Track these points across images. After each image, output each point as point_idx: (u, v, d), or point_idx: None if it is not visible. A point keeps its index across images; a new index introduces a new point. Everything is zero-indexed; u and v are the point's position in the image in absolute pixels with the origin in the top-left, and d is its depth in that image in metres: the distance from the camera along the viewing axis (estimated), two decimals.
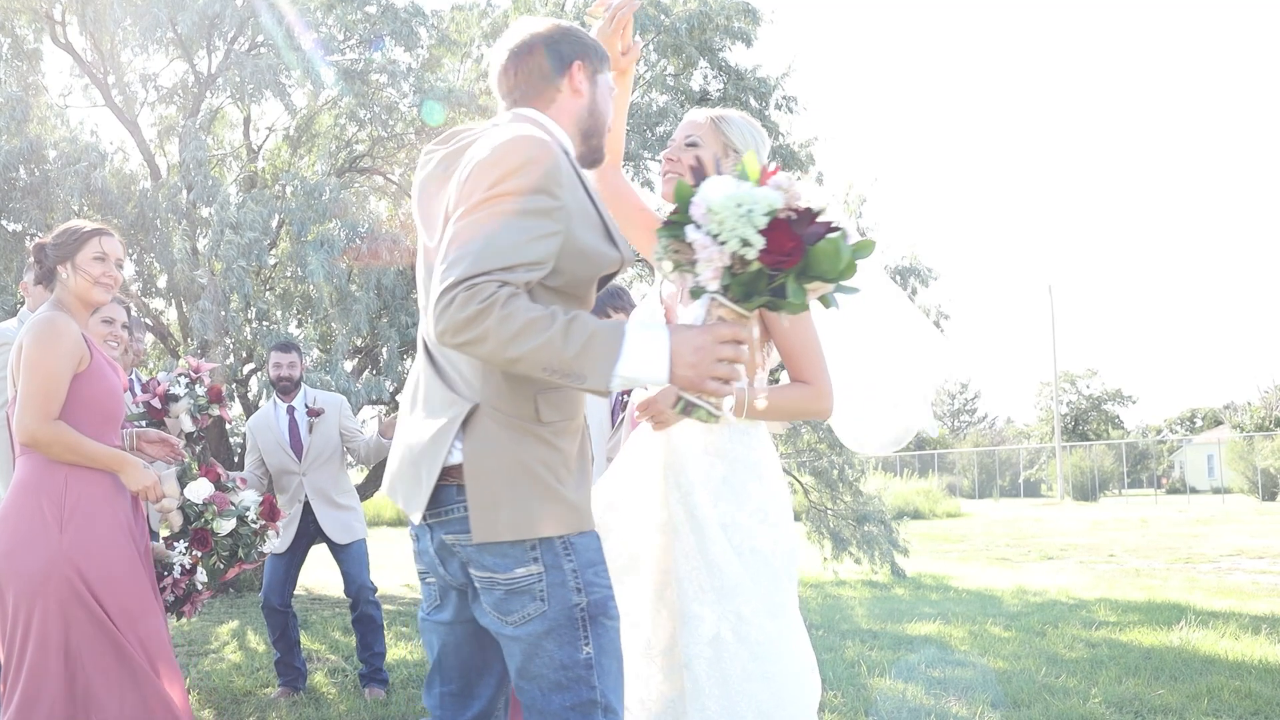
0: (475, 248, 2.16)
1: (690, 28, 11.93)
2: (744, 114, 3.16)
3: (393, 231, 11.26)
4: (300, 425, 6.91)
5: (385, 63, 11.77)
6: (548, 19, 2.67)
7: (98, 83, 12.23)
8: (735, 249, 2.19)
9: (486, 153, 2.29)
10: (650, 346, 2.20)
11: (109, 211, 10.72)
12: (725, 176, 2.29)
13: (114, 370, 4.10)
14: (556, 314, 2.15)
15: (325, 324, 11.30)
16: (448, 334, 2.14)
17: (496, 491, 2.31)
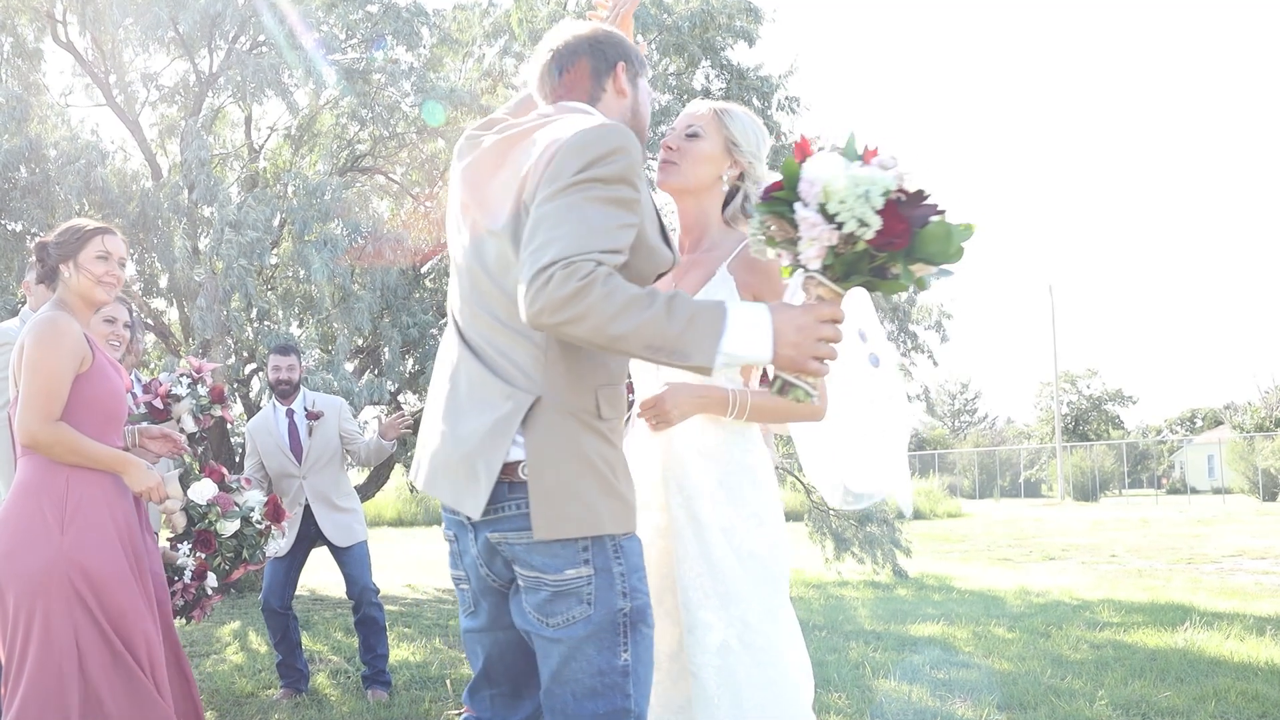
0: (568, 229, 2.12)
1: (692, 26, 11.90)
2: (746, 109, 3.13)
3: (395, 231, 11.23)
4: (300, 428, 6.88)
5: (387, 62, 11.74)
6: (588, 23, 2.68)
7: (99, 82, 12.20)
8: (853, 229, 2.17)
9: (572, 136, 2.24)
10: (754, 324, 2.17)
11: (110, 210, 10.68)
12: (832, 155, 2.27)
13: (116, 370, 4.07)
14: (656, 292, 2.11)
15: (327, 324, 11.26)
16: (545, 312, 2.08)
17: (562, 487, 2.26)
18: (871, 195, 2.17)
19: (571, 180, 2.18)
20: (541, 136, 2.35)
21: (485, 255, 2.40)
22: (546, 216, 2.16)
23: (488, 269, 2.39)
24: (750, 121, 3.08)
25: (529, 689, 2.55)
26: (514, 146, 2.43)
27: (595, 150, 2.21)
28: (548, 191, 2.20)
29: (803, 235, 2.26)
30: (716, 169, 3.01)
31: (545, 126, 2.39)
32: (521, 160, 2.35)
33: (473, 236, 2.46)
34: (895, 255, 2.22)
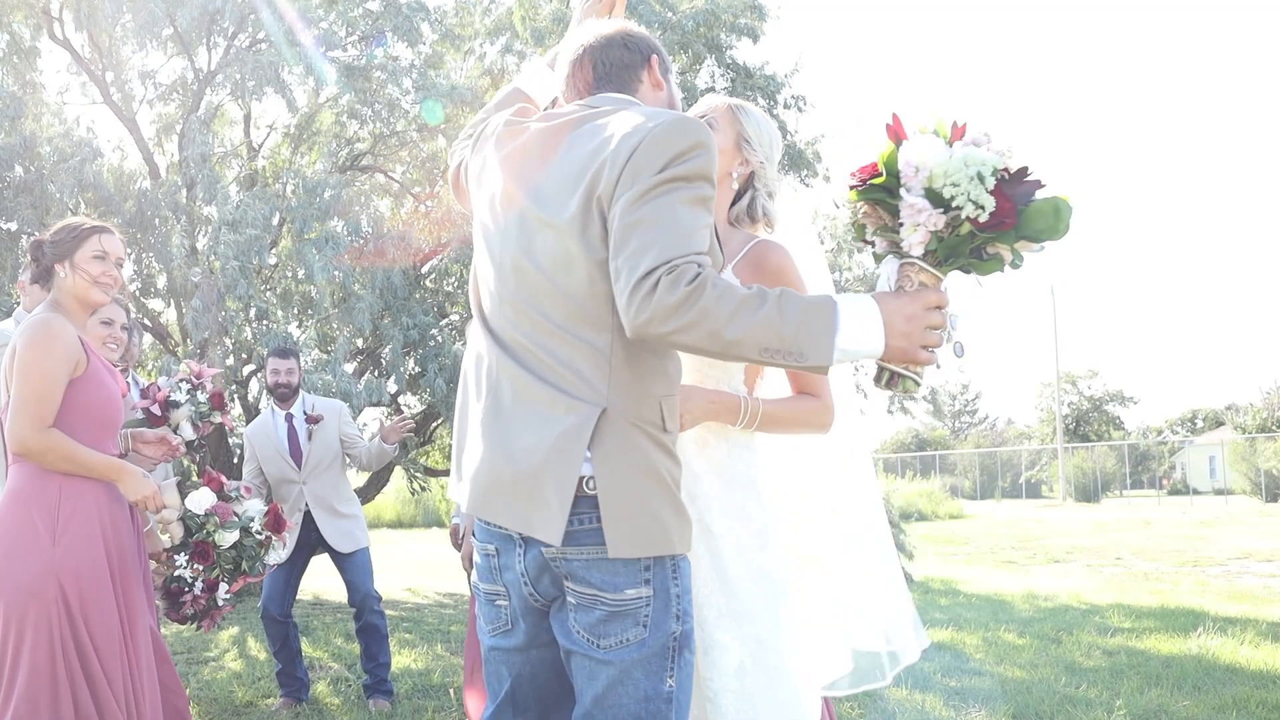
0: (663, 233, 2.03)
1: (697, 25, 11.79)
2: (763, 111, 3.02)
3: (395, 230, 11.11)
4: (299, 433, 6.76)
5: (387, 59, 11.62)
6: (614, 21, 2.58)
7: (95, 80, 12.08)
8: (970, 213, 2.10)
9: (654, 129, 2.13)
10: (865, 317, 2.09)
11: (106, 209, 10.57)
12: (927, 137, 2.19)
13: (111, 375, 3.95)
14: (764, 291, 2.02)
15: (326, 324, 11.14)
16: (656, 321, 1.98)
17: (636, 504, 2.15)
18: (984, 176, 2.09)
19: (657, 179, 2.08)
20: (606, 126, 2.23)
21: (537, 250, 2.25)
22: (640, 221, 2.06)
23: (541, 265, 2.24)
24: (765, 122, 2.97)
25: (558, 715, 2.41)
26: (563, 135, 2.30)
27: (677, 145, 2.11)
28: (633, 192, 2.08)
29: (906, 221, 2.17)
30: (726, 165, 2.88)
31: (604, 117, 2.27)
32: (581, 149, 2.22)
33: (520, 229, 2.30)
34: (1003, 235, 2.14)
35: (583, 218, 2.17)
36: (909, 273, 2.21)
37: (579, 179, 2.19)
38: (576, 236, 2.17)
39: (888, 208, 2.21)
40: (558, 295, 2.22)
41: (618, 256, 2.07)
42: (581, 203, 2.17)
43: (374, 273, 10.64)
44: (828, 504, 3.01)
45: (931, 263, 2.19)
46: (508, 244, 2.33)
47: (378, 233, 10.80)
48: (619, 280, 2.06)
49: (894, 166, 2.18)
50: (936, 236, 2.16)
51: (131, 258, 11.59)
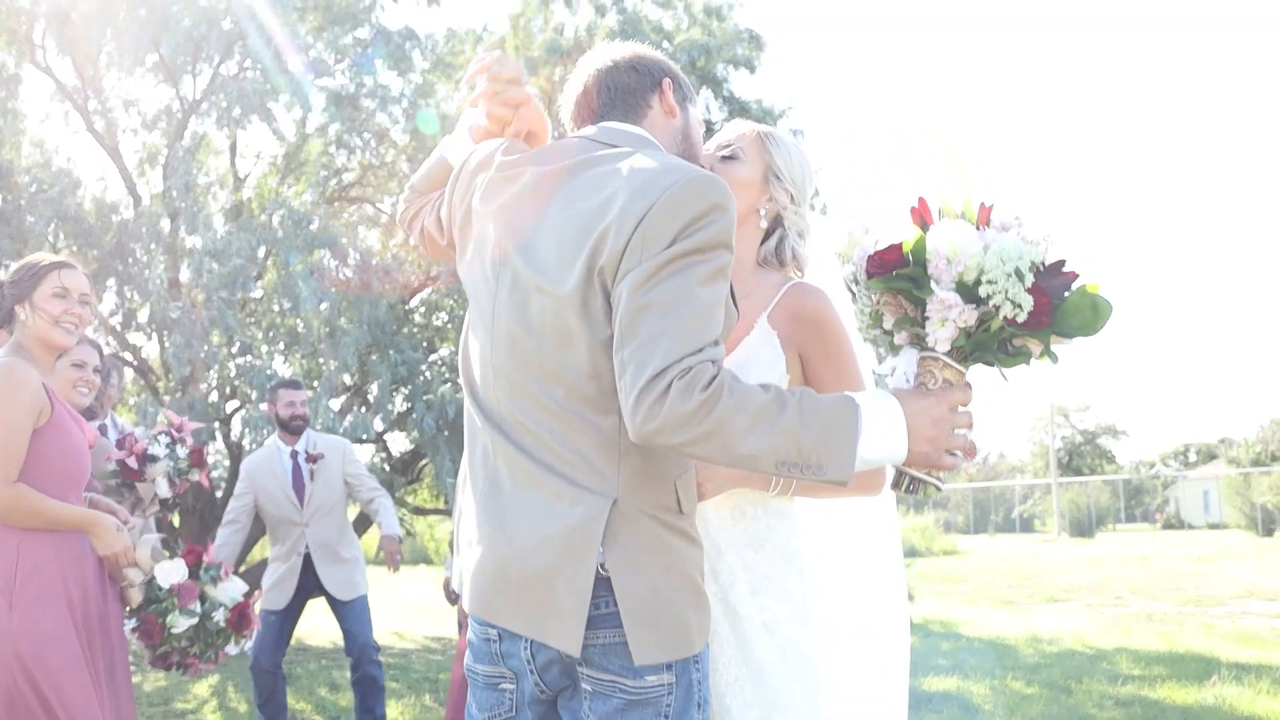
0: (675, 322, 1.81)
1: (693, 57, 11.61)
2: (794, 139, 2.73)
3: (384, 263, 10.86)
4: (304, 471, 6.46)
5: (376, 87, 11.40)
6: (626, 43, 2.33)
7: (78, 108, 11.82)
8: (1008, 313, 1.94)
9: (665, 195, 1.90)
10: (888, 421, 1.93)
11: (85, 241, 10.32)
12: (957, 222, 2.01)
13: (78, 424, 3.68)
14: (783, 394, 1.85)
15: (312, 359, 10.85)
16: (665, 431, 1.79)
17: (656, 606, 1.96)
18: (1023, 273, 1.93)
19: (670, 254, 1.87)
20: (612, 178, 1.98)
21: (533, 319, 2.01)
22: (649, 306, 1.84)
23: (537, 337, 2.00)
24: (797, 153, 2.66)
25: None
26: (563, 182, 2.06)
27: (691, 209, 1.88)
28: (642, 270, 1.86)
29: (933, 315, 2.00)
30: (753, 200, 2.59)
31: (610, 163, 2.03)
32: (583, 205, 1.98)
33: (513, 294, 2.05)
34: (1038, 333, 1.98)
35: (584, 290, 1.93)
36: (932, 368, 2.05)
37: (579, 244, 1.95)
38: (577, 310, 1.94)
39: (912, 298, 2.04)
40: (556, 372, 1.99)
41: (623, 347, 1.85)
42: (583, 273, 1.93)
43: (361, 306, 10.37)
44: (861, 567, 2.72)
45: (956, 358, 2.04)
46: (500, 310, 2.08)
47: (366, 265, 10.53)
48: (624, 377, 1.84)
49: (922, 255, 2.01)
50: (965, 332, 2.01)
51: (112, 290, 11.32)
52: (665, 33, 11.91)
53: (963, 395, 2.02)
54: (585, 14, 12.55)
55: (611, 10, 12.29)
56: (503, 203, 2.13)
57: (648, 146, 2.10)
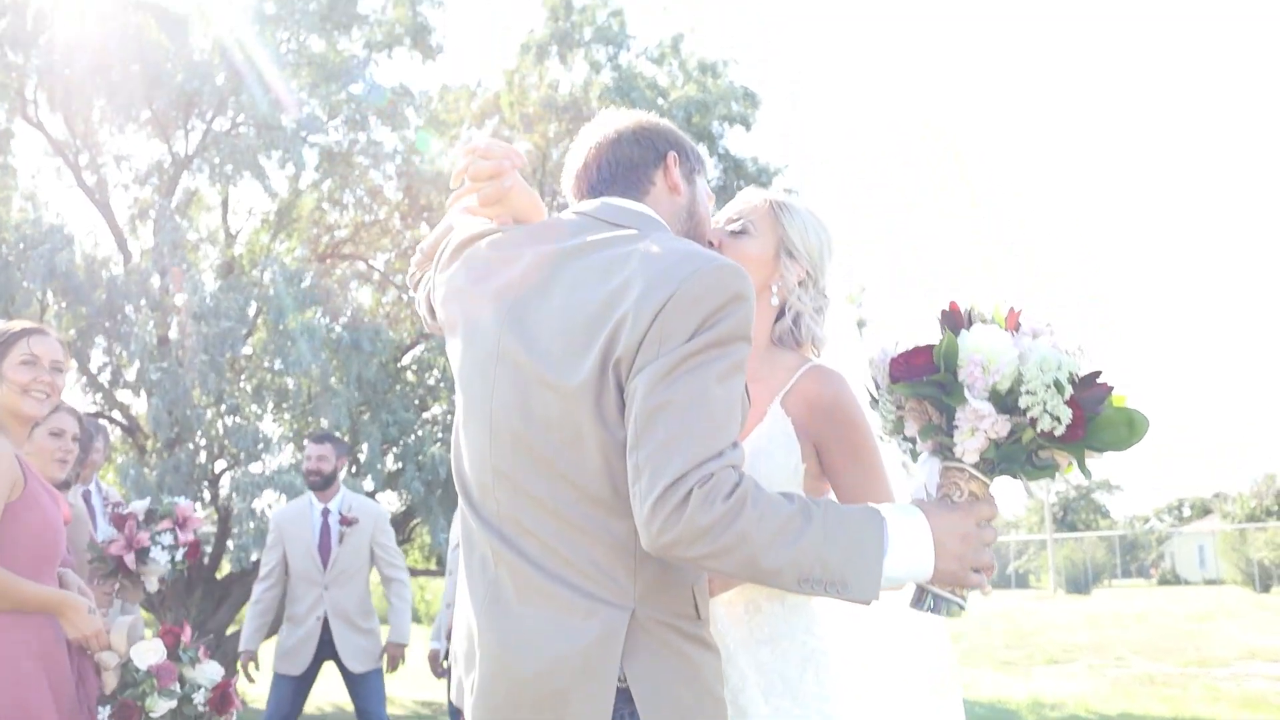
0: (693, 423, 1.69)
1: (689, 113, 11.58)
2: (810, 208, 2.52)
3: (375, 322, 10.74)
4: (332, 531, 6.29)
5: (369, 144, 11.35)
6: (633, 112, 2.19)
7: (70, 164, 11.75)
8: (1046, 426, 1.84)
9: (681, 286, 1.76)
10: (915, 538, 1.82)
11: (75, 298, 10.19)
12: (990, 329, 1.88)
13: (52, 499, 3.53)
14: (807, 505, 1.73)
15: (302, 419, 10.70)
16: (682, 544, 1.67)
17: None
18: (1062, 383, 1.83)
19: (688, 349, 1.73)
20: (623, 263, 1.85)
21: (536, 415, 1.85)
22: (667, 405, 1.70)
23: (542, 433, 1.84)
24: (813, 223, 2.48)
25: None
26: (567, 264, 1.91)
27: (712, 301, 1.76)
28: (659, 365, 1.72)
29: (962, 425, 1.88)
30: (765, 277, 2.42)
31: (619, 245, 1.89)
32: (592, 292, 1.84)
33: (514, 386, 1.89)
34: (1071, 446, 1.87)
35: (596, 384, 1.79)
36: (957, 479, 1.94)
37: (590, 334, 1.80)
38: (588, 406, 1.79)
39: (939, 406, 1.93)
40: (565, 472, 1.83)
41: (639, 449, 1.70)
42: (595, 367, 1.79)
43: (352, 365, 10.23)
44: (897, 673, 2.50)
45: (983, 469, 1.93)
46: (499, 404, 1.91)
47: (357, 323, 10.40)
48: (639, 481, 1.70)
49: (953, 362, 1.89)
50: (994, 443, 1.90)
51: (101, 347, 11.17)
52: (660, 89, 11.90)
53: (989, 510, 1.90)
54: (580, 70, 12.55)
55: (606, 67, 12.27)
56: (498, 285, 1.98)
57: (655, 228, 1.97)
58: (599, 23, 12.26)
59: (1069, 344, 1.90)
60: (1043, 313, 1.95)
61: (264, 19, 11.19)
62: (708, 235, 2.21)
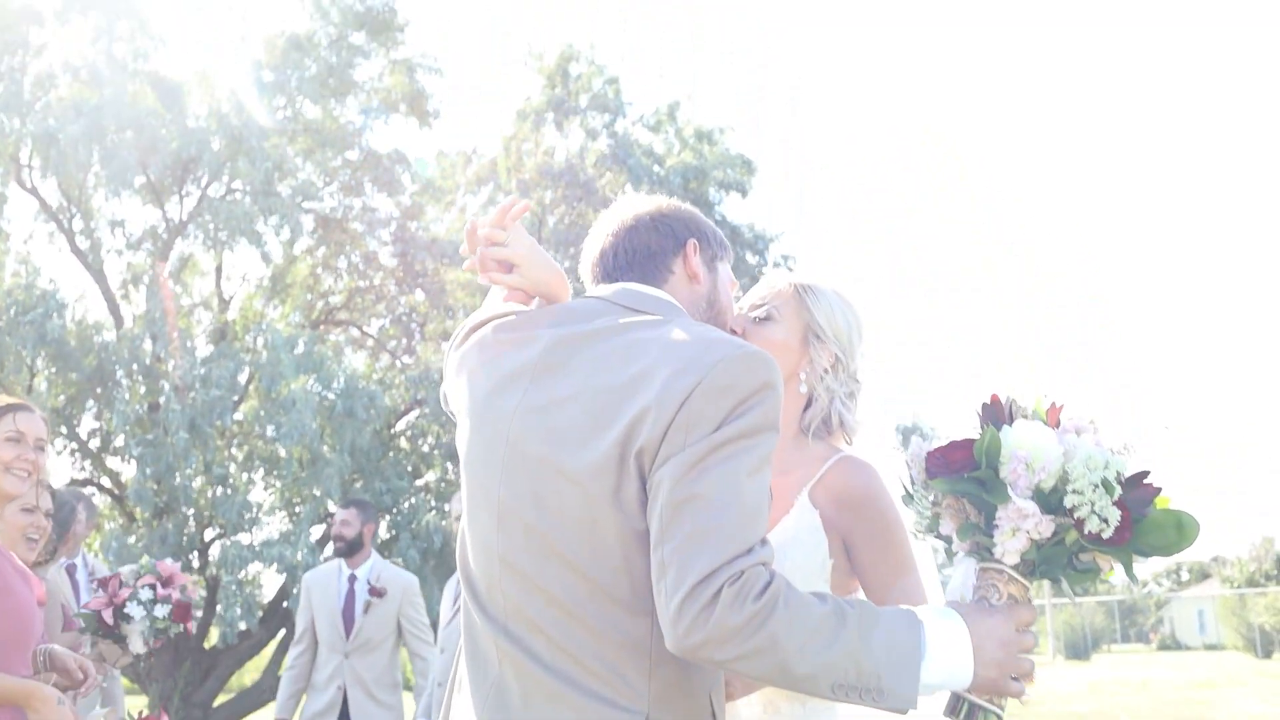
0: (723, 517, 1.59)
1: (686, 180, 11.60)
2: (837, 289, 2.41)
3: (369, 388, 10.64)
4: (358, 599, 6.14)
5: (364, 210, 11.34)
6: (654, 197, 2.10)
7: (63, 229, 11.73)
8: (1094, 527, 1.73)
9: (707, 375, 1.67)
10: (954, 643, 1.71)
11: (65, 364, 10.13)
12: (1034, 425, 1.80)
13: (24, 580, 3.38)
14: (842, 606, 1.63)
15: (294, 487, 10.57)
16: (711, 645, 1.56)
17: None
18: (1110, 483, 1.73)
19: (716, 439, 1.63)
20: (645, 349, 1.75)
21: (550, 505, 1.73)
22: (694, 499, 1.60)
23: (556, 523, 1.73)
24: (840, 305, 2.37)
25: None
26: (583, 351, 1.81)
27: (740, 389, 1.66)
28: (686, 457, 1.62)
29: (1003, 525, 1.76)
30: (792, 365, 2.30)
31: (640, 330, 1.80)
32: (611, 377, 1.74)
33: (526, 474, 1.77)
34: (1116, 550, 1.76)
35: (616, 475, 1.67)
36: (995, 581, 1.83)
37: (610, 422, 1.69)
38: (607, 498, 1.67)
39: (978, 503, 1.82)
40: (580, 565, 1.71)
41: (664, 544, 1.59)
42: (615, 456, 1.67)
43: (344, 432, 10.11)
44: None
45: (1022, 571, 1.82)
46: (509, 492, 1.79)
47: (351, 389, 10.31)
48: (665, 577, 1.59)
49: (995, 458, 1.79)
50: (1035, 544, 1.79)
51: (91, 413, 11.08)
52: (656, 156, 11.94)
53: (1029, 614, 1.79)
54: (577, 137, 12.59)
55: (603, 134, 12.31)
56: (512, 369, 1.87)
57: (676, 314, 1.88)
58: (595, 90, 12.32)
59: (1113, 442, 1.81)
60: (1085, 410, 1.86)
61: (262, 85, 11.23)
62: (730, 323, 2.10)
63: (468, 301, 11.84)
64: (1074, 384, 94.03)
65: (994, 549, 1.79)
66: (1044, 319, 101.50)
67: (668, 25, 68.28)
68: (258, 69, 11.34)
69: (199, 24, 12.10)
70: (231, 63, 11.71)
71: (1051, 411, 1.83)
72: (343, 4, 11.71)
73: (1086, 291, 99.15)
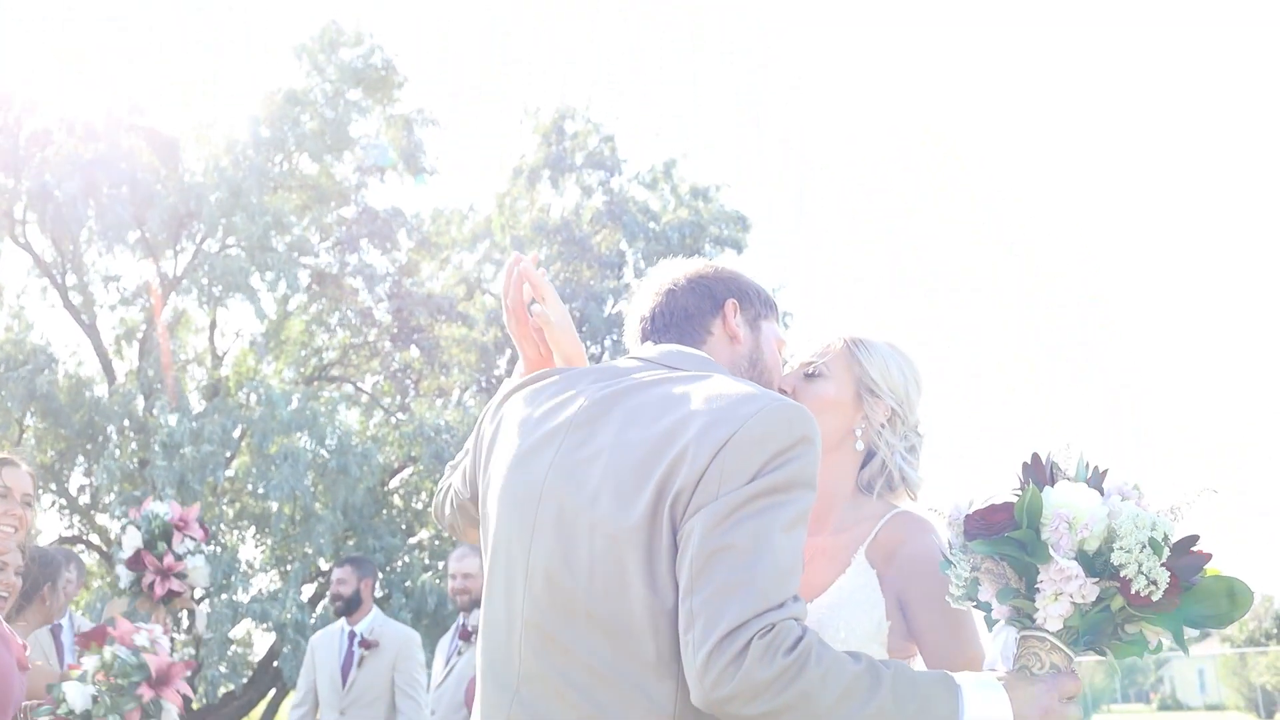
0: (757, 571, 1.55)
1: (682, 236, 11.63)
2: (890, 342, 2.35)
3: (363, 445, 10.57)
4: (355, 655, 6.04)
5: (361, 265, 11.34)
6: (699, 260, 2.08)
7: (56, 285, 11.69)
8: (1141, 588, 1.67)
9: (744, 425, 1.64)
10: (992, 710, 1.66)
11: (55, 420, 10.07)
12: (1077, 485, 1.74)
13: (3, 642, 3.29)
14: (876, 666, 1.59)
15: (284, 545, 10.47)
16: (739, 699, 1.51)
17: None
18: (1158, 544, 1.67)
19: (751, 490, 1.59)
20: (684, 400, 1.73)
21: (580, 560, 1.68)
22: (727, 549, 1.55)
23: (585, 579, 1.67)
24: (894, 358, 2.31)
25: None
26: (619, 405, 1.78)
27: (777, 442, 1.62)
28: (720, 506, 1.58)
29: (1045, 589, 1.69)
30: (846, 421, 2.23)
31: (679, 384, 1.77)
32: (649, 429, 1.70)
33: (558, 530, 1.72)
34: (1164, 618, 1.70)
35: (648, 526, 1.63)
36: (1038, 649, 1.76)
37: (645, 473, 1.66)
38: (640, 550, 1.63)
39: (1018, 565, 1.76)
40: (606, 623, 1.65)
41: (694, 594, 1.55)
42: (649, 506, 1.63)
43: (337, 490, 10.03)
44: None
45: (1065, 639, 1.76)
46: (539, 549, 1.74)
47: (344, 446, 10.23)
48: (692, 629, 1.54)
49: (1036, 518, 1.74)
50: (1079, 610, 1.74)
51: (81, 469, 11.00)
52: (652, 213, 11.97)
53: (1074, 685, 1.73)
54: (572, 195, 12.63)
55: (598, 191, 12.35)
56: (549, 430, 1.83)
57: (716, 370, 1.86)
58: (591, 148, 12.37)
59: (1159, 505, 1.76)
60: (1130, 474, 1.81)
61: (259, 142, 11.26)
62: (778, 382, 2.07)
63: (462, 358, 11.81)
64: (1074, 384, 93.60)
65: (1035, 615, 1.74)
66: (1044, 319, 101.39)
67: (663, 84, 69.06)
68: (255, 124, 11.38)
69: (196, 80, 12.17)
70: (228, 118, 11.78)
71: (1093, 474, 1.79)
72: (339, 61, 11.78)
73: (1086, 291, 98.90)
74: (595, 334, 12.03)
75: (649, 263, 12.26)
